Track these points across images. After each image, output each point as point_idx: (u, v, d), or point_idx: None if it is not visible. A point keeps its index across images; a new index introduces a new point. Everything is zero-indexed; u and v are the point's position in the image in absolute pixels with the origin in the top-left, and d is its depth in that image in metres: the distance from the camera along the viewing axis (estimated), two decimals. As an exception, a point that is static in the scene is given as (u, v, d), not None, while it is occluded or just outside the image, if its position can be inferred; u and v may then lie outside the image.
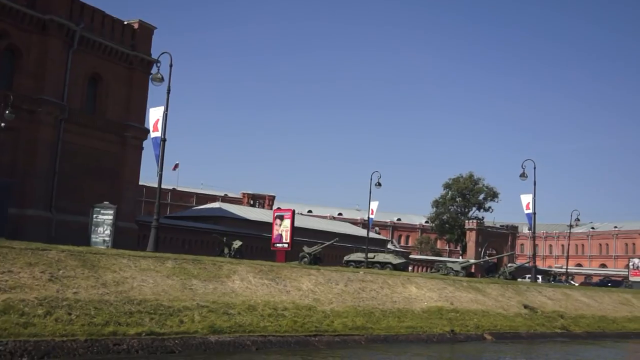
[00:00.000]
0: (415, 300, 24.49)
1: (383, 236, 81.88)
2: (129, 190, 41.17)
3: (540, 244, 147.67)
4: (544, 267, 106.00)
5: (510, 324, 25.70)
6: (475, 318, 24.76)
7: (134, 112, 41.29)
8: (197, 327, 16.00)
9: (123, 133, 40.71)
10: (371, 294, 23.21)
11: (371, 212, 46.63)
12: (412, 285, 25.84)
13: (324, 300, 20.99)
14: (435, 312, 23.83)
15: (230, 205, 57.41)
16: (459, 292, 27.20)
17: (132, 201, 42.23)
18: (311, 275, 22.69)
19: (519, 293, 30.35)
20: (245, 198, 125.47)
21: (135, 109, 41.34)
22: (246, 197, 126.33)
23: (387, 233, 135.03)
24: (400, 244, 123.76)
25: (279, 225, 31.32)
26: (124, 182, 40.79)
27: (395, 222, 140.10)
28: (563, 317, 29.09)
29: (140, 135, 41.75)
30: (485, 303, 27.15)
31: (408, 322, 21.94)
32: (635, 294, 38.25)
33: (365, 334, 19.76)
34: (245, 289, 19.37)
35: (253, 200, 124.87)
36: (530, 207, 38.34)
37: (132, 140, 41.18)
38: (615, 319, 31.60)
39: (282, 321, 18.21)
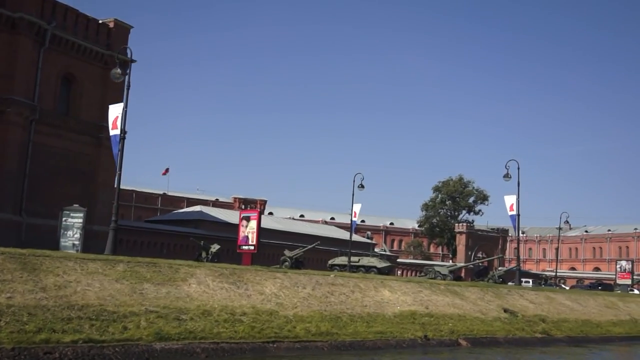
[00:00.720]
0: (388, 304, 23.54)
1: (371, 240, 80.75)
2: (104, 192, 40.07)
3: (533, 247, 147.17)
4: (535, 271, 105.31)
5: (488, 329, 24.77)
6: (450, 322, 23.84)
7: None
8: (142, 334, 15.03)
9: (98, 134, 39.64)
10: (340, 298, 22.26)
11: (354, 215, 45.62)
12: (385, 289, 24.89)
13: (287, 304, 20.04)
14: (408, 317, 22.90)
15: (211, 209, 56.45)
16: (435, 296, 26.27)
17: (108, 204, 41.07)
18: (277, 278, 21.73)
19: (500, 297, 29.42)
20: (237, 203, 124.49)
21: (112, 111, 40.29)
22: (237, 201, 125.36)
23: (380, 237, 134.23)
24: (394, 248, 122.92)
25: (245, 226, 30.29)
26: (99, 185, 39.72)
27: (388, 227, 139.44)
28: (545, 321, 28.18)
29: (117, 137, 40.70)
30: (462, 307, 26.21)
31: (377, 327, 21.00)
32: (623, 297, 37.38)
33: (330, 340, 18.81)
34: (202, 293, 18.40)
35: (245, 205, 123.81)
36: (514, 209, 37.42)
37: (108, 141, 39.89)
38: (599, 323, 30.71)
39: (238, 327, 17.25)
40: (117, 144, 23.08)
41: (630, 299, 37.07)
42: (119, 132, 23.05)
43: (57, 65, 37.14)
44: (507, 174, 37.58)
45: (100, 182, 40.02)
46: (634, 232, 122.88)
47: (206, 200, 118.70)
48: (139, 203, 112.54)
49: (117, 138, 23.08)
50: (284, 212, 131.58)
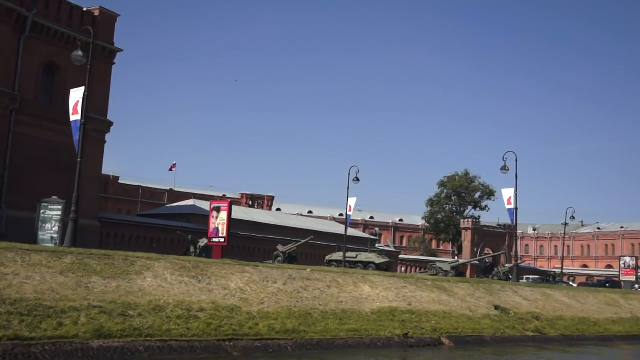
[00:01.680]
0: (367, 300, 22.22)
1: (375, 236, 79.33)
2: (90, 185, 38.96)
3: (545, 244, 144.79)
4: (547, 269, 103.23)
5: (475, 327, 23.37)
6: (434, 320, 22.48)
7: (95, 103, 39.03)
8: (79, 331, 13.84)
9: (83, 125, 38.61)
10: (314, 294, 20.97)
11: (349, 209, 44.27)
12: (365, 284, 23.57)
13: (253, 300, 18.78)
14: (387, 314, 21.56)
15: (205, 203, 55.23)
16: (420, 292, 24.91)
17: (94, 197, 40.13)
18: (245, 272, 20.49)
19: (491, 293, 27.99)
20: (244, 199, 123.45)
21: (97, 100, 39.16)
22: (245, 197, 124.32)
23: (390, 234, 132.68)
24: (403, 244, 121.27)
25: (215, 218, 28.96)
26: (85, 177, 38.48)
27: (398, 223, 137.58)
28: (538, 319, 26.73)
29: (102, 128, 39.80)
30: (449, 304, 24.83)
31: (352, 325, 19.68)
32: (625, 295, 35.76)
33: (295, 338, 17.53)
34: (157, 288, 17.19)
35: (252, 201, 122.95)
36: (512, 202, 35.91)
37: (93, 133, 38.97)
38: (597, 321, 29.18)
39: (193, 324, 16.02)
40: (78, 130, 21.92)
41: (633, 297, 35.43)
42: (79, 117, 21.87)
43: (38, 53, 36.14)
44: (505, 166, 36.10)
45: (85, 175, 38.77)
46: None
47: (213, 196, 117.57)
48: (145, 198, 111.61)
49: (78, 124, 21.95)
50: (292, 208, 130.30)
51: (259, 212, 64.14)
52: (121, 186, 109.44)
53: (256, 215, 57.20)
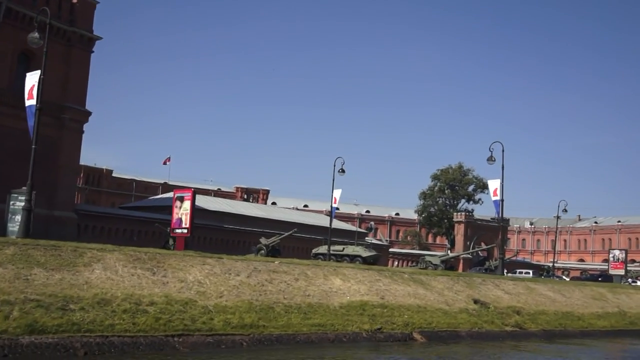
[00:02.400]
0: (336, 294, 21.34)
1: (366, 230, 78.50)
2: (66, 176, 38.27)
3: (542, 239, 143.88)
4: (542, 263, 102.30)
5: (450, 322, 22.50)
6: (406, 314, 21.61)
7: (73, 92, 38.40)
8: (10, 326, 12.99)
9: (60, 115, 37.81)
10: (279, 287, 20.09)
11: (334, 201, 43.39)
12: (337, 277, 22.68)
13: (211, 293, 17.90)
14: (357, 308, 20.69)
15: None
16: (395, 285, 24.02)
17: (70, 188, 39.32)
18: (206, 264, 19.60)
19: (471, 287, 27.11)
20: (239, 192, 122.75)
21: (74, 89, 38.46)
22: (240, 191, 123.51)
23: (386, 228, 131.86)
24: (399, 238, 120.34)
25: (179, 207, 27.96)
26: (61, 168, 37.86)
27: (394, 217, 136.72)
28: (519, 314, 25.86)
29: (80, 118, 38.90)
30: (425, 297, 23.95)
31: (317, 320, 18.82)
32: (613, 288, 34.85)
33: (253, 334, 16.67)
34: (105, 280, 16.30)
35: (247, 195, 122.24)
36: (497, 194, 35.00)
37: (70, 122, 38.28)
38: (582, 315, 28.31)
39: (140, 318, 15.15)
40: (33, 116, 21.01)
41: (621, 290, 34.53)
42: (34, 102, 20.95)
43: (13, 41, 35.25)
44: (491, 156, 35.24)
45: (62, 166, 38.15)
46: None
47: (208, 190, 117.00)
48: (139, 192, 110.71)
49: (33, 109, 21.00)
50: (287, 202, 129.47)
51: (245, 204, 63.22)
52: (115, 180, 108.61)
53: (241, 207, 56.27)
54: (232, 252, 36.61)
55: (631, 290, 35.57)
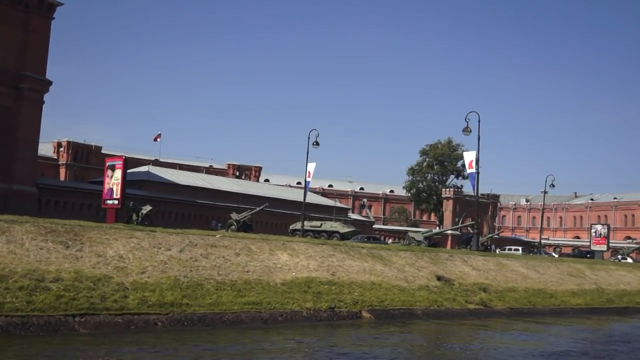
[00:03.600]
0: (281, 270, 19.85)
1: (343, 204, 76.95)
2: (25, 150, 36.44)
3: (537, 216, 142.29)
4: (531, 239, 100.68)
5: (407, 299, 21.04)
6: (357, 291, 20.15)
7: (32, 60, 36.40)
8: None
9: (18, 84, 35.89)
10: (216, 262, 18.58)
11: (308, 175, 41.80)
12: (284, 252, 21.17)
13: (132, 269, 16.39)
14: (302, 285, 19.22)
15: (161, 169, 52.68)
16: (351, 261, 22.53)
17: (30, 161, 37.55)
18: (133, 238, 18.07)
19: (437, 263, 25.61)
20: (231, 169, 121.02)
21: (33, 58, 36.47)
22: (232, 168, 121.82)
23: (380, 205, 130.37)
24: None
25: (110, 177, 26.17)
26: (19, 141, 36.03)
27: (388, 194, 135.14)
28: (486, 291, 24.42)
29: (40, 88, 37.02)
30: (382, 274, 22.46)
31: (252, 297, 17.34)
32: (592, 265, 33.32)
33: (172, 313, 15.20)
34: (7, 255, 14.79)
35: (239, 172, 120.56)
36: (473, 166, 33.38)
37: (29, 92, 36.37)
38: (555, 292, 26.83)
39: (38, 297, 13.66)
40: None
41: (600, 267, 33.02)
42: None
43: (-39, 7, 33.33)
44: (467, 127, 33.49)
45: (20, 138, 36.35)
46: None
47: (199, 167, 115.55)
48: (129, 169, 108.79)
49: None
50: (280, 179, 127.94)
51: (220, 179, 61.52)
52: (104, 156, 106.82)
53: (217, 182, 54.64)
54: (205, 228, 35.18)
55: (612, 266, 34.07)
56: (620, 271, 33.40)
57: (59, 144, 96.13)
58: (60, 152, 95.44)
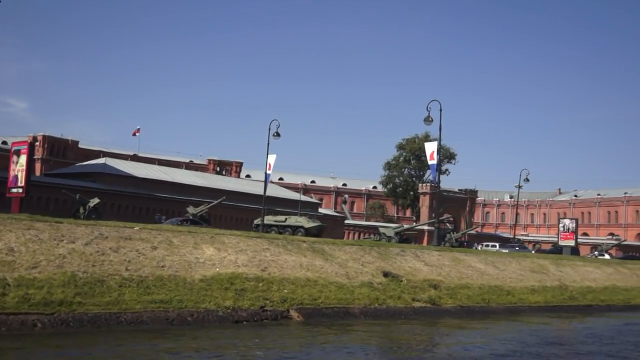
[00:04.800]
0: (203, 265, 18.19)
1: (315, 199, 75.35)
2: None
3: (521, 212, 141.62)
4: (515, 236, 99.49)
5: (344, 297, 19.45)
6: (288, 289, 18.55)
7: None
8: None
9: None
10: (127, 257, 16.89)
11: (269, 167, 40.15)
12: (211, 246, 19.52)
13: (21, 263, 14.70)
14: (224, 281, 17.58)
15: (117, 161, 50.86)
16: (287, 256, 20.90)
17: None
18: (32, 229, 16.37)
19: (385, 258, 24.03)
20: (212, 165, 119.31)
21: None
22: (212, 163, 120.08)
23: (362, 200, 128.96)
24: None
25: (15, 163, 24.06)
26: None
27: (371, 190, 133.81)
28: (436, 288, 22.88)
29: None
30: (321, 270, 20.85)
31: (161, 295, 15.70)
32: (558, 260, 31.87)
33: (59, 312, 13.56)
34: None
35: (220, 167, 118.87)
36: (434, 157, 31.87)
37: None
38: (512, 289, 25.35)
39: None
40: None
41: (567, 262, 31.58)
42: None
43: None
44: (428, 116, 32.00)
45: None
46: (624, 196, 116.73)
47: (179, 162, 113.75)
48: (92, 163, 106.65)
49: None
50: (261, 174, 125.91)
51: (183, 172, 59.62)
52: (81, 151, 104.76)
53: (179, 175, 52.80)
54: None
55: (579, 262, 32.64)
56: (588, 267, 31.99)
57: (34, 139, 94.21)
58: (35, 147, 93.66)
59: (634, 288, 30.69)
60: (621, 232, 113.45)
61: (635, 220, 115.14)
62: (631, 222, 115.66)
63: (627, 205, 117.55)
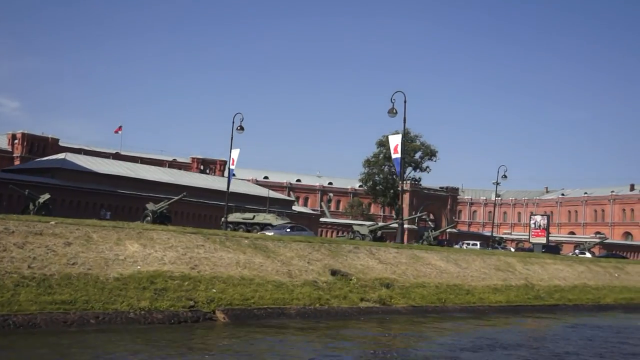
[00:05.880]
0: (123, 262, 16.70)
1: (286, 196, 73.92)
2: None
3: (508, 211, 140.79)
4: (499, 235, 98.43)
5: (281, 297, 18.03)
6: (217, 288, 17.07)
7: None
8: None
9: None
10: (33, 253, 15.41)
11: (232, 162, 38.71)
12: (136, 242, 18.03)
13: None
14: (143, 280, 16.11)
15: (78, 157, 49.26)
16: (223, 253, 19.45)
17: None
18: None
19: (336, 255, 22.61)
20: (195, 163, 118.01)
21: None
22: (196, 161, 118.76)
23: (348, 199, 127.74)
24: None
25: None
26: None
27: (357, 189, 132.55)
28: (389, 287, 21.47)
29: None
30: (260, 268, 19.41)
31: (64, 296, 14.24)
32: (526, 258, 30.52)
33: None
34: None
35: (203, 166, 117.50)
36: (398, 151, 30.47)
37: None
38: (473, 288, 23.97)
39: None
40: None
41: (535, 260, 30.22)
42: None
43: None
44: (392, 108, 30.56)
45: None
46: (610, 195, 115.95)
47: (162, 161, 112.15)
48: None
49: None
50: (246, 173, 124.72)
51: (150, 168, 57.75)
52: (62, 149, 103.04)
53: (144, 172, 51.15)
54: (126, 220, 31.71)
55: (548, 260, 31.28)
56: (558, 265, 30.66)
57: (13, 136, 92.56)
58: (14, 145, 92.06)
59: (605, 287, 29.41)
60: (608, 230, 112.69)
61: (622, 219, 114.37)
62: (618, 220, 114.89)
63: (614, 204, 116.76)
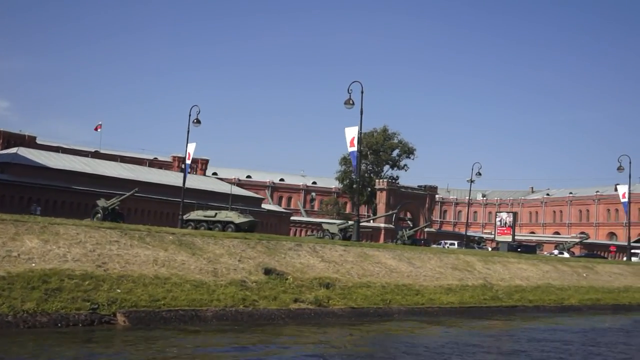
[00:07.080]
0: (16, 259, 15.09)
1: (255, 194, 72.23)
2: None
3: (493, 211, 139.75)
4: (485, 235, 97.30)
5: (199, 298, 16.41)
6: (123, 288, 15.41)
7: None
8: None
9: None
10: None
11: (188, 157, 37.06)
12: (36, 238, 16.36)
13: None
14: (34, 279, 14.46)
15: (31, 151, 47.43)
16: (139, 250, 17.83)
17: None
18: None
19: (273, 253, 21.00)
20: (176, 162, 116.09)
21: None
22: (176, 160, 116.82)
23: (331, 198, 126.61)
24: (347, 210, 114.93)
25: None
26: None
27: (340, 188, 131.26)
28: (329, 287, 19.90)
29: None
30: (182, 266, 17.79)
31: None
32: (488, 257, 28.99)
33: None
34: None
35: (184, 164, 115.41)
36: (354, 144, 28.89)
37: None
38: (424, 289, 22.40)
39: None
40: None
41: (497, 259, 28.69)
42: None
43: None
44: (349, 99, 29.06)
45: None
46: (595, 195, 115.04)
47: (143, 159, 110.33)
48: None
49: None
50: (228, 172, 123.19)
51: (110, 164, 55.60)
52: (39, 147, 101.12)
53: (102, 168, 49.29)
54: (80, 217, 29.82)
55: (512, 259, 29.78)
56: (522, 265, 29.18)
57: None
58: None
59: (570, 287, 27.96)
60: (592, 230, 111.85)
61: (606, 219, 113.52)
62: (602, 220, 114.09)
63: (599, 204, 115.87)
